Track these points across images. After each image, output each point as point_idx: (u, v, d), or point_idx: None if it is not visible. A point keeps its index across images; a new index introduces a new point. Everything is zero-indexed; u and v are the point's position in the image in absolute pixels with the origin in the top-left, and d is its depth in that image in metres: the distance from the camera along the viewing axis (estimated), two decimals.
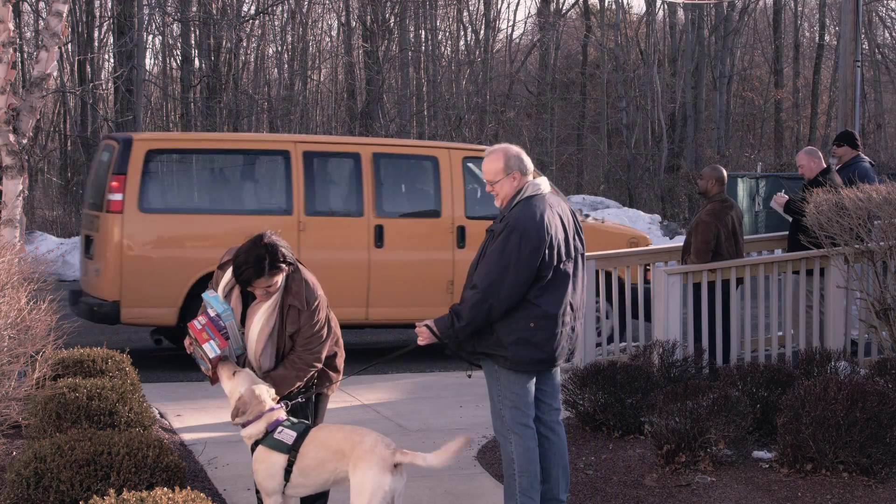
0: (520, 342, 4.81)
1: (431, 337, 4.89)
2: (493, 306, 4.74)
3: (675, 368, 7.39)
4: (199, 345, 4.67)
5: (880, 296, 7.70)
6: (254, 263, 4.60)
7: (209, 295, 4.77)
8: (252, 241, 4.69)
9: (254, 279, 4.62)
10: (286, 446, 4.49)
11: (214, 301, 4.74)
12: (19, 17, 25.98)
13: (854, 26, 14.85)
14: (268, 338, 4.75)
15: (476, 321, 4.78)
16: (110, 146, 9.81)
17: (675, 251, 9.36)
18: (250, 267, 4.60)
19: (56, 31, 7.69)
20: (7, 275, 5.51)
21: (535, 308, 4.81)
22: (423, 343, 4.95)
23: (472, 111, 31.68)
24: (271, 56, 30.67)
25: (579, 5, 37.47)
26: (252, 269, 4.61)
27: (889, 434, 5.74)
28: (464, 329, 4.80)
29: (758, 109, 37.22)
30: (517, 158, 4.98)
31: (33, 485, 4.46)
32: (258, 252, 4.61)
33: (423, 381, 9.01)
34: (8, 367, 5.37)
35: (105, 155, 9.89)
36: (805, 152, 9.29)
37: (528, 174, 4.99)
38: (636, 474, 6.08)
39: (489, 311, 4.75)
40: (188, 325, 4.73)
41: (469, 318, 4.77)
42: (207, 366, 4.72)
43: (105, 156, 9.87)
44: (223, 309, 4.71)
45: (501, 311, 4.77)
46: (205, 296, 4.79)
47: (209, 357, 4.67)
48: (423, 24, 31.99)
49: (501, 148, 5.04)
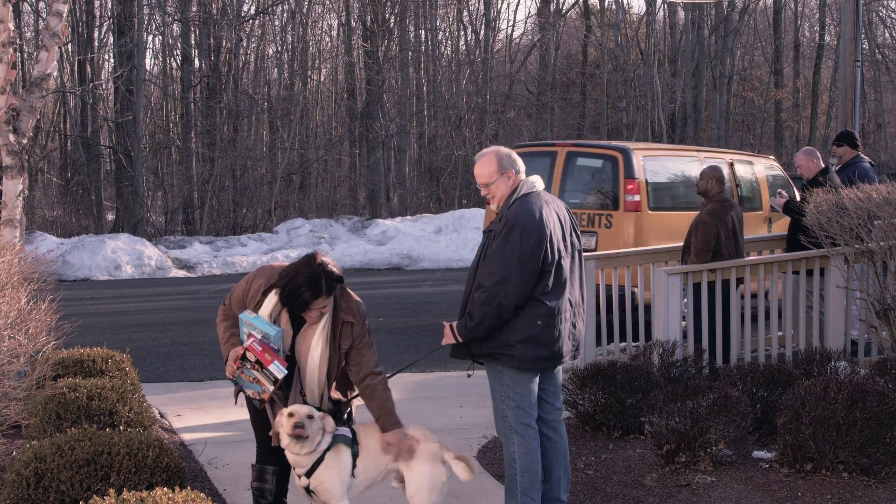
0: (528, 340, 4.82)
1: (451, 337, 4.93)
2: (503, 304, 4.75)
3: (675, 368, 7.39)
4: (264, 367, 4.51)
5: (880, 296, 7.70)
6: (311, 285, 4.49)
7: (250, 316, 4.62)
8: (303, 263, 4.57)
9: (312, 301, 4.52)
10: (349, 439, 4.61)
11: (259, 322, 4.58)
12: (19, 17, 25.98)
13: (854, 26, 14.84)
14: (329, 359, 4.68)
15: (488, 319, 4.78)
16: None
17: (675, 251, 9.36)
18: (308, 289, 4.50)
19: (56, 31, 7.69)
20: (7, 275, 5.52)
21: (542, 305, 4.83)
22: (445, 343, 4.99)
23: (472, 111, 31.70)
24: (271, 56, 30.68)
25: (579, 5, 37.48)
26: (310, 291, 4.50)
27: (889, 434, 5.74)
28: (477, 328, 4.81)
29: (758, 109, 37.24)
30: (509, 158, 5.00)
31: (33, 485, 4.46)
32: (313, 272, 4.50)
33: (423, 381, 9.01)
34: (8, 366, 5.38)
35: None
36: (803, 152, 9.29)
37: (521, 173, 5.01)
38: (636, 474, 6.08)
39: (500, 309, 4.76)
40: (247, 347, 4.55)
41: (480, 318, 4.78)
42: (263, 388, 4.57)
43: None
44: (274, 331, 4.57)
45: (512, 308, 4.78)
46: (246, 317, 4.63)
47: (276, 378, 4.52)
48: (423, 24, 32.01)
49: (492, 150, 5.07)
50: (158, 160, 28.68)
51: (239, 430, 7.06)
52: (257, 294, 4.70)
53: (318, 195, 29.48)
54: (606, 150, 11.55)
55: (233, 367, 4.60)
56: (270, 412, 4.72)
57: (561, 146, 11.83)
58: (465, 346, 4.96)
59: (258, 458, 4.90)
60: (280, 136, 27.97)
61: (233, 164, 25.94)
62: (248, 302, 4.71)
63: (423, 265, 21.56)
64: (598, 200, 11.27)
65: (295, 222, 24.32)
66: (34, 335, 5.72)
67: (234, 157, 26.00)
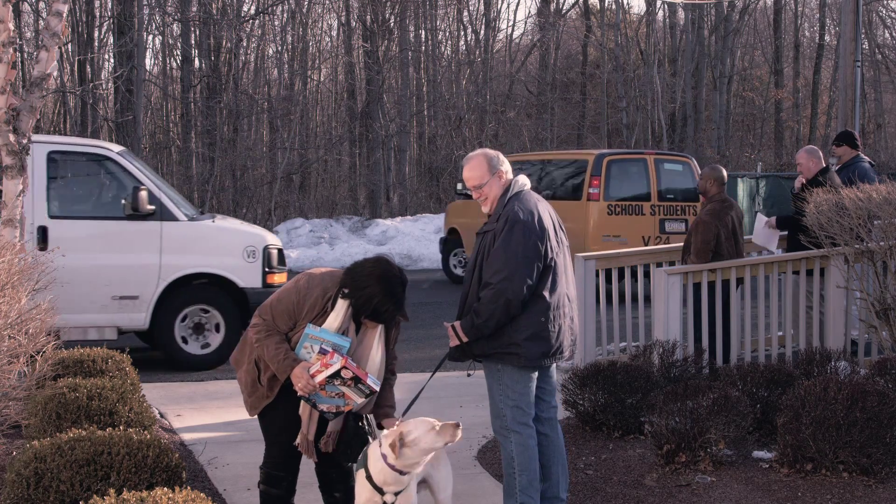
0: (533, 337, 4.85)
1: (456, 338, 4.93)
2: (510, 300, 4.77)
3: (675, 368, 7.39)
4: (360, 381, 4.37)
5: (880, 296, 7.69)
6: (396, 300, 4.39)
7: (315, 331, 4.41)
8: (383, 274, 4.41)
9: (397, 314, 4.44)
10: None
11: (328, 335, 4.41)
12: (19, 17, 25.97)
13: (854, 26, 14.84)
14: (386, 362, 4.62)
15: (496, 316, 4.79)
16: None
17: (675, 251, 9.36)
18: (393, 304, 4.39)
19: (56, 31, 7.69)
20: (7, 275, 5.51)
21: (545, 301, 4.86)
22: (453, 345, 4.98)
23: (472, 111, 31.68)
24: (271, 56, 30.66)
25: (579, 5, 37.46)
26: (395, 306, 4.40)
27: (889, 434, 5.74)
28: (485, 325, 4.82)
29: (758, 109, 37.21)
30: (497, 158, 5.04)
31: (33, 485, 4.45)
32: (394, 281, 4.40)
33: (422, 381, 8.98)
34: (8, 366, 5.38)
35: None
36: (805, 151, 9.28)
37: (510, 172, 5.04)
38: (636, 474, 6.08)
39: (507, 306, 4.77)
40: (346, 366, 4.33)
41: (487, 315, 4.79)
42: (346, 402, 4.43)
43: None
44: (348, 343, 4.43)
45: (518, 304, 4.79)
46: (313, 332, 4.43)
47: (374, 391, 4.41)
48: (423, 24, 32.00)
49: (479, 153, 5.08)
50: (158, 160, 28.67)
51: (239, 430, 7.07)
52: (316, 306, 4.47)
53: (318, 195, 29.47)
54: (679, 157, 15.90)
55: (314, 384, 4.37)
56: (308, 421, 4.57)
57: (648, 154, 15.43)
58: (465, 346, 4.97)
59: (274, 464, 4.75)
60: (280, 136, 27.95)
61: (233, 164, 25.92)
62: (303, 315, 4.49)
63: (423, 265, 21.54)
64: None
65: (295, 222, 24.32)
66: (34, 335, 5.72)
67: (234, 157, 25.99)
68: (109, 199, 9.81)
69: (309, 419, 4.59)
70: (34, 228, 9.17)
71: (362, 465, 4.40)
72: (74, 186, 10.04)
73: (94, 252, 9.41)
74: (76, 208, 9.74)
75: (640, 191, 14.89)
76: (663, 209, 14.79)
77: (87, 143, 10.35)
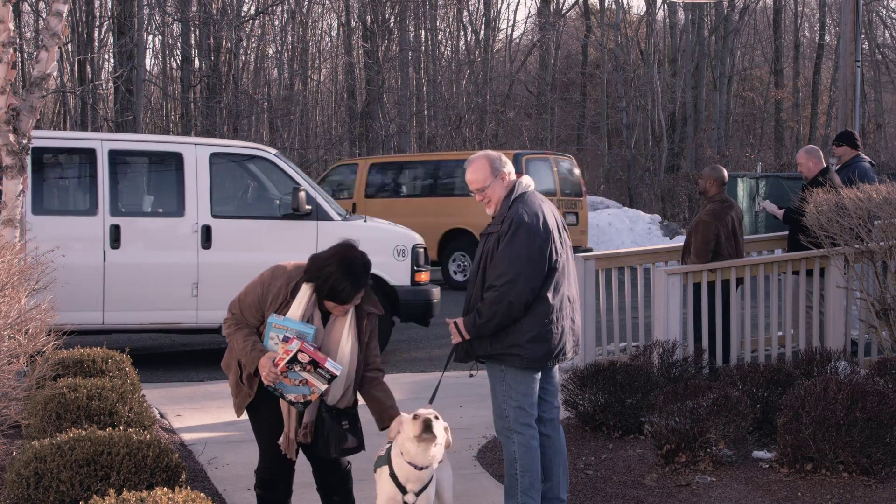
0: (536, 339, 4.84)
1: (458, 335, 4.92)
2: (513, 303, 4.76)
3: (675, 368, 7.39)
4: (318, 366, 4.30)
5: (880, 296, 7.69)
6: (354, 277, 4.34)
7: (279, 319, 4.40)
8: (341, 254, 4.38)
9: (355, 294, 4.37)
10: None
11: (291, 323, 4.39)
12: (19, 17, 25.97)
13: (854, 26, 14.84)
14: (357, 353, 4.54)
15: (497, 317, 4.79)
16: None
17: (675, 251, 9.36)
18: (350, 282, 4.34)
19: (56, 31, 7.69)
20: (7, 275, 5.51)
21: (548, 303, 4.85)
22: (455, 342, 4.97)
23: (472, 111, 31.71)
24: (271, 56, 30.70)
25: (579, 5, 37.49)
26: (352, 284, 4.34)
27: (889, 434, 5.73)
28: (486, 325, 4.81)
29: (758, 109, 37.23)
30: (499, 160, 5.01)
31: (33, 485, 4.45)
32: (352, 263, 4.34)
33: (423, 381, 9.01)
34: (8, 366, 5.38)
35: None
36: (805, 151, 9.28)
37: (513, 173, 5.02)
38: (636, 474, 6.08)
39: (510, 308, 4.77)
40: (302, 350, 4.29)
41: (489, 315, 4.79)
42: (311, 389, 4.37)
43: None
44: (311, 330, 4.39)
45: (521, 307, 4.79)
46: (275, 321, 4.41)
47: (334, 375, 4.33)
48: (423, 24, 32.02)
49: (481, 154, 5.06)
50: None
51: (239, 430, 7.06)
52: (279, 295, 4.47)
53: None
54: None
55: (276, 372, 4.35)
56: (288, 417, 4.53)
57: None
58: (469, 348, 4.96)
59: (266, 469, 4.72)
60: (280, 136, 27.96)
61: None
62: (267, 305, 4.49)
63: None
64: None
65: None
66: (34, 335, 5.72)
67: None
68: (268, 199, 10.07)
69: (288, 415, 4.55)
70: (199, 227, 9.47)
71: (385, 462, 4.39)
72: (235, 187, 10.30)
73: (255, 251, 9.57)
74: (238, 208, 10.00)
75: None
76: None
77: (247, 146, 10.52)
